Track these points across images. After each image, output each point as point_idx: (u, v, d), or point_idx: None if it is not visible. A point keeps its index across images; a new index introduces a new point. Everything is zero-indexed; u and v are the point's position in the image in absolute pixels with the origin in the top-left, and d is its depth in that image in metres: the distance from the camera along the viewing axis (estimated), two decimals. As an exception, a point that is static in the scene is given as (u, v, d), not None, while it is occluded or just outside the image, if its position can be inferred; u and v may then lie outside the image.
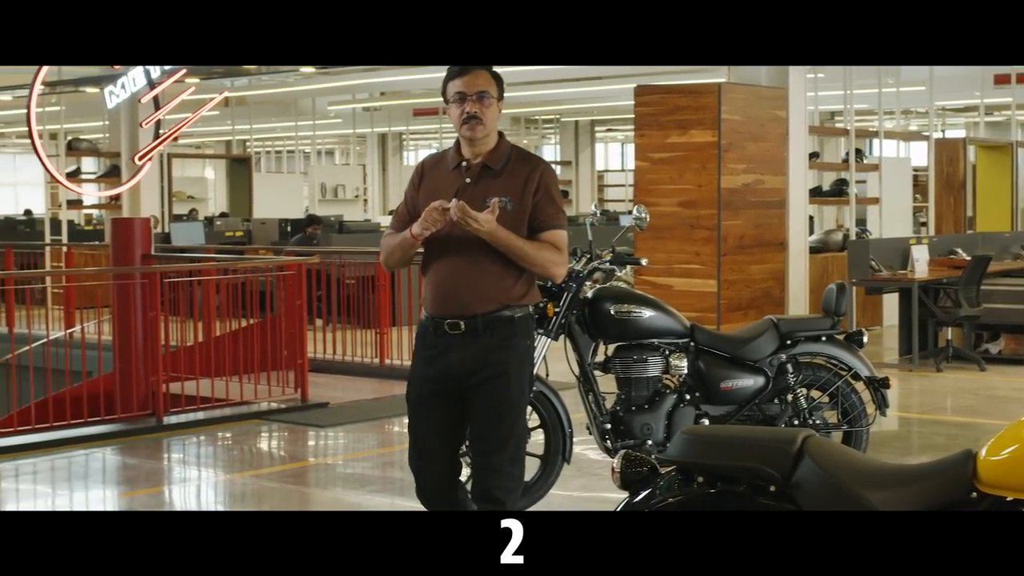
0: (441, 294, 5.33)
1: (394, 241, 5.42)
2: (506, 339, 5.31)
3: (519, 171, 5.35)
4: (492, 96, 5.30)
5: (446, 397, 5.35)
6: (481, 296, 5.28)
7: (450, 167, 5.41)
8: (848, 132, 17.14)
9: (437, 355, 5.34)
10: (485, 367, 5.28)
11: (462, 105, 5.27)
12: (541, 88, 25.85)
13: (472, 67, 5.29)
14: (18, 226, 26.72)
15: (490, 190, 5.26)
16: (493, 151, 5.36)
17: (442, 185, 5.36)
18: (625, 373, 7.76)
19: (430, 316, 5.38)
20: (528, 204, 5.30)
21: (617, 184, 38.98)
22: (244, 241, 21.99)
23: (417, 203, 5.38)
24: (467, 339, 5.28)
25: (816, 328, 8.10)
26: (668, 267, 13.79)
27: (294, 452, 10.64)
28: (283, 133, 33.44)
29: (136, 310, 11.71)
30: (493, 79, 5.32)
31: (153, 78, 11.63)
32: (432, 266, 5.39)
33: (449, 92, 5.33)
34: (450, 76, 5.33)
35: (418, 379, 5.43)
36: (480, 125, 5.27)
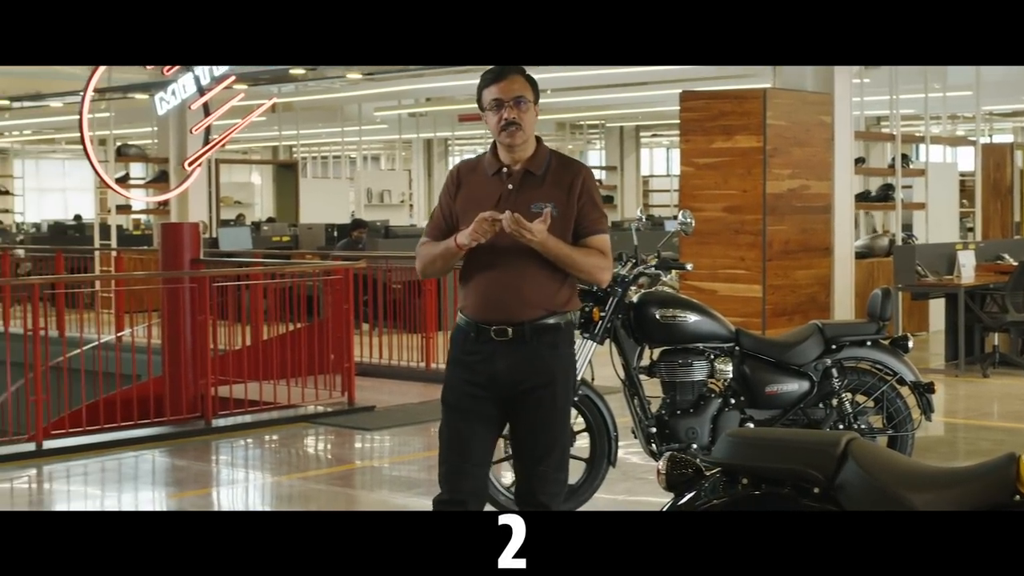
0: (487, 300, 5.24)
1: (435, 250, 5.32)
2: (553, 347, 5.26)
3: (562, 176, 5.28)
4: (529, 100, 5.23)
5: (489, 402, 5.28)
6: (528, 303, 5.22)
7: (489, 173, 5.31)
8: (894, 137, 17.09)
9: (481, 361, 5.26)
10: (532, 375, 5.23)
11: (499, 111, 5.18)
12: (586, 94, 25.87)
13: (507, 72, 5.22)
14: (68, 231, 26.95)
15: (534, 196, 5.21)
16: (533, 156, 5.29)
17: (482, 192, 5.27)
18: (670, 377, 7.80)
19: (473, 322, 5.28)
20: (573, 210, 5.24)
21: (662, 189, 38.92)
22: (291, 246, 22.11)
23: (454, 210, 5.32)
24: (514, 346, 5.21)
25: (861, 333, 8.11)
26: (713, 272, 13.81)
27: (341, 455, 10.72)
28: (329, 139, 33.60)
29: (185, 314, 11.82)
30: (528, 83, 5.26)
31: (203, 85, 11.74)
32: (476, 273, 5.29)
33: (485, 99, 5.25)
34: (485, 82, 5.25)
35: (458, 383, 5.33)
36: (519, 131, 5.19)
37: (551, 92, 25.45)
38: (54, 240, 25.05)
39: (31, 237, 28.30)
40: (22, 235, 29.55)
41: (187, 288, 11.89)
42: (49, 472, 9.73)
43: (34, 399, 10.27)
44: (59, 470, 9.77)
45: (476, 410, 5.29)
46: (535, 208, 5.13)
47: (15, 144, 39.76)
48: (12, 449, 10.23)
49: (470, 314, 5.30)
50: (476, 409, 5.29)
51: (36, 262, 22.49)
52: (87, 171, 43.49)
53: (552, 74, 22.33)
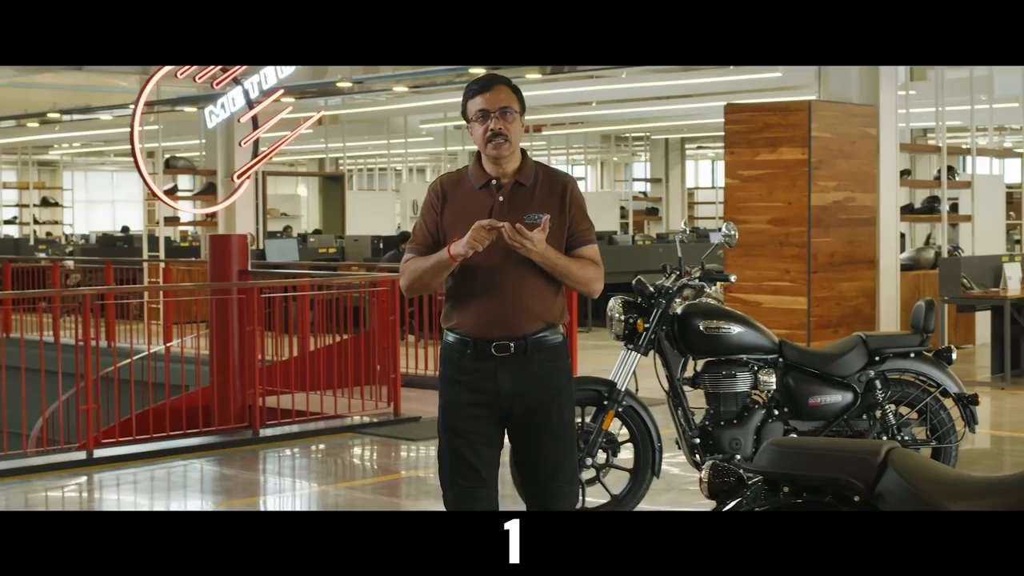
0: (486, 315, 5.13)
1: (424, 264, 5.15)
2: (555, 359, 5.21)
3: (551, 187, 5.22)
4: (515, 111, 5.15)
5: (491, 421, 5.18)
6: (529, 315, 5.14)
7: (476, 186, 5.20)
8: (940, 149, 17.06)
9: (482, 379, 5.15)
10: (537, 389, 5.16)
11: (485, 123, 5.10)
12: (632, 106, 25.91)
13: (492, 82, 5.16)
14: (117, 242, 27.19)
15: (526, 208, 5.13)
16: (521, 168, 5.21)
17: (471, 205, 5.15)
18: (714, 388, 7.84)
19: (470, 339, 5.15)
20: (566, 220, 5.18)
21: (707, 201, 38.89)
22: (337, 258, 22.23)
23: (440, 226, 5.18)
24: (516, 361, 5.13)
25: (905, 345, 8.13)
26: (758, 284, 13.83)
27: (387, 465, 10.80)
28: (375, 151, 33.74)
29: (233, 325, 11.94)
30: (514, 94, 5.19)
31: (252, 98, 11.87)
32: (470, 288, 5.16)
33: (470, 110, 5.17)
34: (470, 93, 5.18)
35: (458, 404, 5.20)
36: (506, 142, 5.11)
37: (596, 104, 25.57)
38: (103, 252, 25.30)
39: (80, 249, 28.58)
40: (71, 247, 29.83)
41: (235, 299, 12.02)
42: (99, 480, 9.86)
43: (85, 408, 10.40)
44: (109, 479, 9.89)
45: (479, 431, 5.18)
46: (528, 219, 5.06)
47: (65, 156, 40.10)
48: (64, 457, 10.37)
49: (466, 331, 5.17)
50: (479, 430, 5.18)
51: (85, 273, 22.72)
52: (135, 183, 43.99)
53: (598, 87, 22.45)
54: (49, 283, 20.89)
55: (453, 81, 19.61)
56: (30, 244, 29.99)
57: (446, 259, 5.05)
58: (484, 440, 5.19)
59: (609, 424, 7.64)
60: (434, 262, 5.11)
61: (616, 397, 7.60)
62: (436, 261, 5.10)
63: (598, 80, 22.01)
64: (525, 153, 5.26)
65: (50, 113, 24.12)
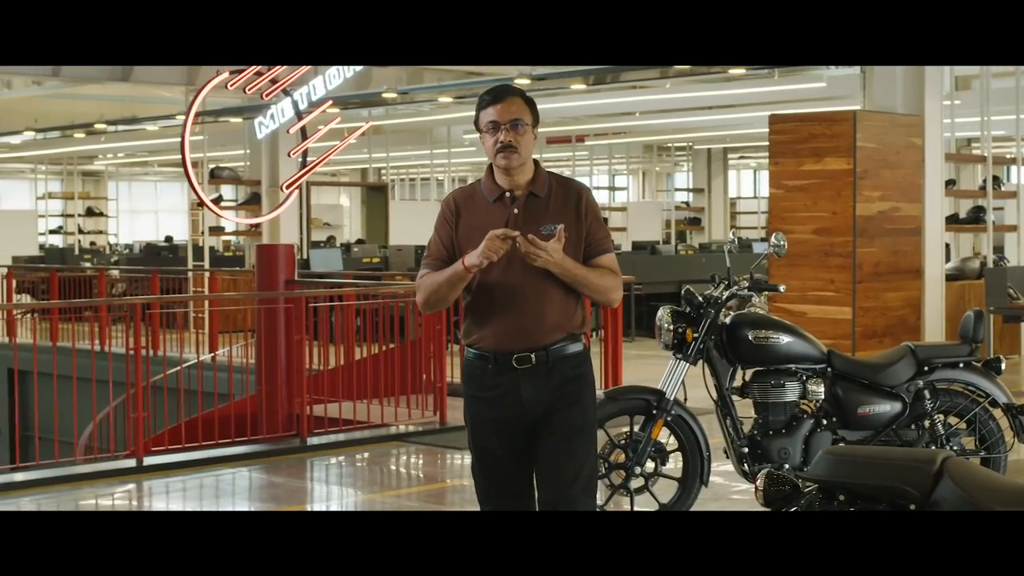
0: (506, 328, 5.08)
1: (439, 278, 5.09)
2: (576, 367, 5.17)
3: (566, 197, 5.18)
4: (526, 123, 5.11)
5: (520, 435, 5.13)
6: (549, 326, 5.10)
7: (490, 199, 5.17)
8: (985, 159, 17.01)
9: (505, 394, 5.10)
10: (560, 398, 5.12)
11: (496, 134, 5.08)
12: (674, 116, 25.95)
13: (505, 94, 5.11)
14: (161, 252, 27.38)
15: (541, 218, 5.10)
16: (534, 179, 5.17)
17: (486, 219, 5.09)
18: (763, 398, 7.85)
19: (490, 353, 5.10)
20: (582, 229, 5.14)
21: (749, 212, 38.87)
22: (381, 267, 22.33)
23: (456, 241, 5.13)
24: (538, 373, 5.09)
25: (954, 355, 8.12)
26: (802, 294, 13.82)
27: (433, 473, 10.86)
28: (418, 161, 33.88)
29: (280, 334, 12.03)
30: (527, 106, 5.15)
31: (300, 109, 11.97)
32: (488, 302, 5.12)
33: (482, 121, 5.14)
34: (482, 104, 5.14)
35: (485, 422, 5.16)
36: (515, 154, 5.07)
37: (640, 115, 25.59)
38: (148, 261, 25.48)
39: (125, 258, 28.79)
40: (116, 256, 30.06)
41: (282, 308, 12.10)
42: (149, 487, 9.95)
43: (135, 416, 10.50)
44: (159, 486, 9.98)
45: (508, 449, 5.15)
46: (544, 230, 5.03)
47: (110, 167, 40.41)
48: (114, 465, 10.48)
49: (486, 346, 5.12)
50: (508, 448, 5.15)
51: (131, 282, 22.89)
52: (178, 193, 44.48)
53: (641, 97, 22.48)
54: (95, 292, 21.04)
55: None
56: (75, 254, 30.23)
57: (461, 271, 5.00)
58: (513, 456, 5.16)
59: (658, 433, 7.67)
60: (449, 275, 5.05)
61: (665, 406, 7.62)
62: (451, 274, 5.04)
63: (641, 91, 22.05)
64: (538, 164, 5.24)
65: (97, 124, 24.31)
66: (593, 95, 22.33)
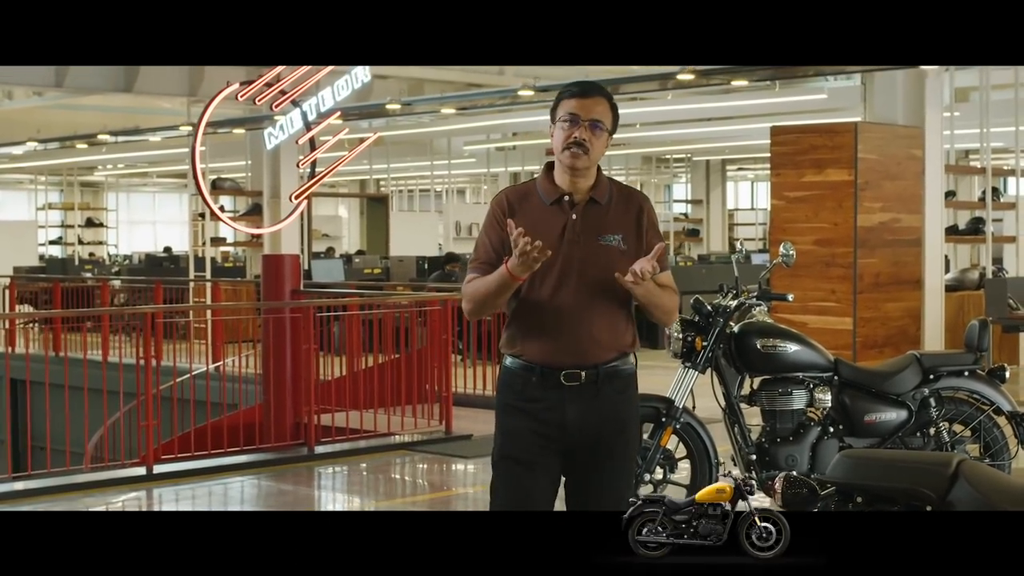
0: (556, 341, 4.81)
1: (486, 285, 4.81)
2: (624, 391, 4.90)
3: (627, 207, 4.92)
4: (605, 128, 4.81)
5: (554, 454, 4.86)
6: (601, 344, 4.83)
7: (547, 201, 4.86)
8: (984, 170, 17.12)
9: (548, 408, 4.82)
10: (605, 422, 4.85)
11: (572, 128, 4.76)
12: (673, 128, 26.05)
13: (592, 90, 4.84)
14: (163, 262, 27.46)
15: (600, 227, 4.84)
16: (595, 185, 4.88)
17: (541, 222, 4.80)
18: (770, 406, 7.94)
19: (536, 365, 4.83)
20: (643, 243, 4.86)
21: (747, 223, 38.99)
22: (382, 278, 22.42)
23: (507, 243, 4.75)
24: (586, 391, 4.81)
25: (959, 363, 8.21)
26: (804, 304, 13.90)
27: (441, 481, 10.94)
28: (417, 172, 33.98)
29: (287, 343, 12.11)
30: (611, 110, 4.85)
31: (309, 120, 12.07)
32: (538, 312, 4.83)
33: (560, 111, 4.82)
34: (567, 95, 4.83)
35: (523, 432, 4.86)
36: (584, 155, 4.76)
37: (640, 126, 25.68)
38: (149, 271, 25.56)
39: (125, 269, 28.87)
40: (116, 267, 30.13)
41: (288, 318, 12.19)
42: (159, 495, 10.03)
43: (145, 424, 10.58)
44: (168, 494, 10.06)
45: (543, 463, 4.86)
46: (603, 240, 4.81)
47: (109, 177, 40.49)
48: (124, 473, 10.56)
49: (532, 357, 4.85)
50: (543, 462, 4.86)
51: (132, 293, 22.96)
52: (176, 204, 44.53)
53: (641, 108, 22.57)
54: (97, 303, 21.12)
55: (495, 103, 19.78)
56: (75, 264, 30.30)
57: (507, 278, 4.71)
58: (546, 472, 4.88)
59: (667, 441, 7.75)
60: (495, 282, 4.76)
61: (674, 414, 7.71)
62: (498, 282, 4.75)
63: (641, 102, 22.16)
64: (600, 170, 4.93)
65: (100, 135, 24.40)
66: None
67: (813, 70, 16.88)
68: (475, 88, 20.46)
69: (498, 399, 4.99)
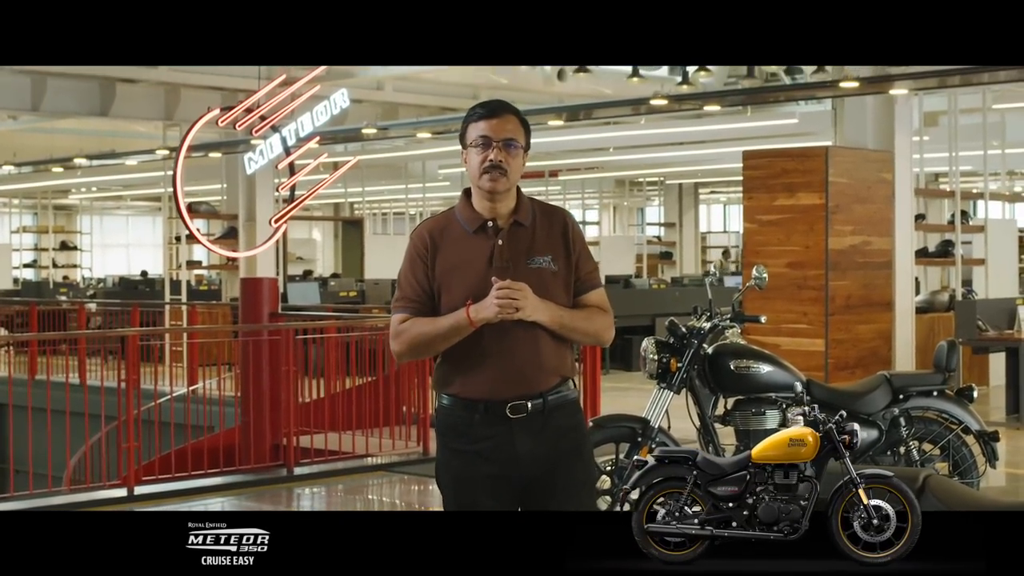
0: (498, 375, 4.55)
1: (433, 329, 4.55)
2: (572, 415, 4.69)
3: (551, 225, 4.70)
4: (519, 145, 4.61)
5: (510, 494, 4.61)
6: (544, 369, 4.60)
7: (469, 230, 4.64)
8: (954, 194, 17.33)
9: (497, 446, 4.56)
10: (558, 450, 4.60)
11: (485, 151, 4.56)
12: (646, 152, 26.25)
13: (500, 110, 4.64)
14: (138, 286, 27.49)
15: (528, 250, 4.62)
16: (517, 206, 4.66)
17: (467, 252, 4.61)
18: (744, 426, 8.09)
19: (479, 401, 4.56)
20: (571, 262, 4.66)
21: (719, 246, 39.20)
22: (358, 301, 22.51)
23: (433, 278, 4.60)
24: (534, 422, 4.57)
25: (928, 383, 8.39)
26: (776, 326, 14.04)
27: (422, 501, 11.05)
28: (391, 195, 34.08)
29: (265, 365, 12.22)
30: (522, 126, 4.66)
31: (288, 145, 12.22)
32: (475, 345, 4.54)
33: (470, 135, 4.63)
34: (474, 117, 4.64)
35: (472, 479, 4.60)
36: (504, 177, 4.56)
37: (613, 150, 25.89)
38: (124, 295, 25.59)
39: (101, 292, 28.87)
40: (92, 290, 30.13)
41: (266, 340, 12.31)
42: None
43: (126, 446, 10.68)
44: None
45: (502, 503, 4.61)
46: (533, 263, 4.60)
47: (83, 201, 40.48)
48: (105, 494, 10.64)
49: (473, 393, 4.58)
50: (502, 503, 4.61)
51: (107, 316, 23.01)
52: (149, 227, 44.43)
53: (614, 132, 22.78)
54: (73, 326, 21.17)
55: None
56: (50, 287, 30.30)
57: (465, 324, 4.49)
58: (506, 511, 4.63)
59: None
60: (448, 328, 4.52)
61: (650, 434, 7.84)
62: (451, 327, 4.52)
63: (615, 127, 22.35)
64: (519, 190, 4.71)
65: (76, 158, 24.46)
66: (568, 131, 22.60)
67: (784, 95, 17.11)
68: (449, 112, 20.62)
69: (440, 445, 4.72)
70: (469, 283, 4.56)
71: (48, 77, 18.89)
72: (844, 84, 13.76)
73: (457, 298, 4.56)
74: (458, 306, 4.53)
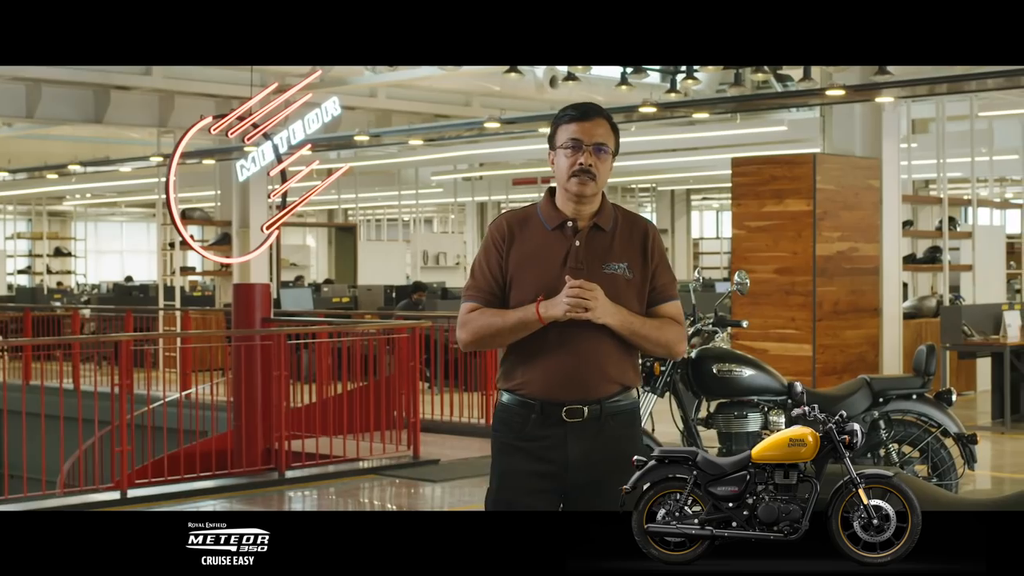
0: (559, 375, 4.51)
1: (501, 322, 4.54)
2: (628, 426, 4.62)
3: (632, 233, 4.64)
4: (609, 150, 4.57)
5: (550, 498, 4.57)
6: (605, 378, 4.54)
7: (548, 227, 4.60)
8: (941, 200, 17.45)
9: (551, 447, 4.52)
10: (608, 460, 4.51)
11: (576, 154, 4.52)
12: (639, 158, 26.36)
13: (593, 113, 4.59)
14: (132, 292, 27.58)
15: (605, 255, 4.57)
16: (600, 210, 4.62)
17: (543, 249, 4.58)
18: (726, 428, 8.21)
19: (536, 401, 4.54)
20: (648, 272, 4.61)
21: (711, 251, 39.32)
22: (351, 307, 22.61)
23: (506, 270, 4.59)
24: (588, 428, 4.51)
25: (907, 387, 8.52)
26: (764, 332, 14.21)
27: (408, 504, 11.16)
28: (385, 202, 34.19)
29: (258, 370, 12.34)
30: (613, 131, 4.62)
31: (280, 152, 12.34)
32: (539, 344, 4.52)
33: (561, 137, 4.58)
34: (566, 119, 4.60)
35: (520, 475, 4.58)
36: (592, 181, 4.52)
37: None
38: (119, 300, 25.68)
39: (95, 298, 28.97)
40: (86, 296, 30.22)
41: (258, 346, 12.42)
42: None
43: (119, 450, 10.79)
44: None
45: (543, 504, 4.57)
46: (607, 269, 4.55)
47: (77, 207, 40.56)
48: (98, 497, 10.74)
49: (532, 392, 4.55)
50: (543, 503, 4.57)
51: (100, 322, 23.10)
52: (143, 233, 44.55)
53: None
54: (67, 331, 21.26)
55: (462, 135, 20.04)
56: (44, 293, 30.39)
57: (534, 319, 4.48)
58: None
59: (627, 462, 8.00)
60: (516, 322, 4.51)
61: (634, 436, 7.95)
62: (519, 321, 4.51)
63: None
64: (604, 195, 4.69)
65: (71, 165, 24.56)
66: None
67: (773, 102, 17.24)
68: (442, 119, 20.73)
69: (494, 438, 4.70)
70: (541, 280, 4.55)
71: (43, 84, 18.98)
72: (832, 92, 13.89)
73: (527, 293, 4.55)
74: (527, 301, 4.52)
